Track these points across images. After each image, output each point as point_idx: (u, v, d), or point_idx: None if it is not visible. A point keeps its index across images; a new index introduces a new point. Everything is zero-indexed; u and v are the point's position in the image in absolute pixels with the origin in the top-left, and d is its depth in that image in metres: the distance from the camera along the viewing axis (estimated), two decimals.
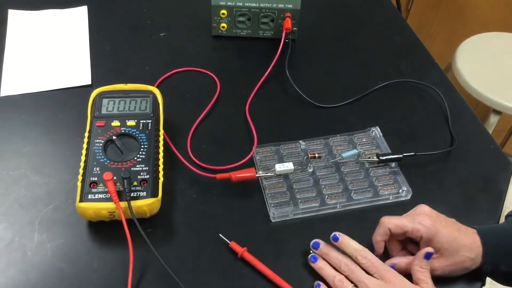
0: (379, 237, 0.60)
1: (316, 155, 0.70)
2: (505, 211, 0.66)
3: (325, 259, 0.59)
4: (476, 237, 0.58)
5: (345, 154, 0.71)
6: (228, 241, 0.61)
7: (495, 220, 0.67)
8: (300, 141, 0.73)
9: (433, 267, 0.58)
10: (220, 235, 0.62)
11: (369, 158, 0.71)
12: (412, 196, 0.68)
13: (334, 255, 0.59)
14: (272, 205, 0.65)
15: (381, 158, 0.70)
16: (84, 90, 0.80)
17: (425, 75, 0.87)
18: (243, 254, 0.60)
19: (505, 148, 1.75)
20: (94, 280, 0.58)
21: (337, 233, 0.60)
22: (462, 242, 0.58)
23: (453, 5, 1.65)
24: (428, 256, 0.57)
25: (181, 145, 0.73)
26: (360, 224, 0.65)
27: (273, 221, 0.65)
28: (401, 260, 0.60)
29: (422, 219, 0.58)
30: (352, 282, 0.56)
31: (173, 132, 0.73)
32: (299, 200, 0.66)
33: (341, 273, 0.58)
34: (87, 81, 0.81)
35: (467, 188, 0.71)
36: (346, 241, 0.59)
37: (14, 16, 0.93)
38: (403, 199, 0.68)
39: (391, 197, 0.68)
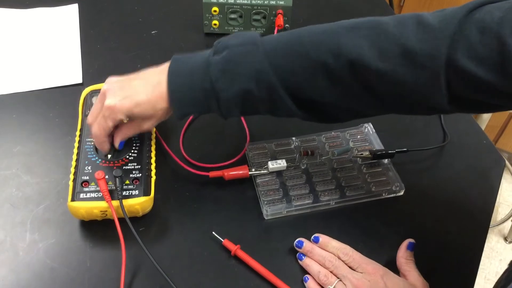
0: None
1: (309, 151, 0.70)
2: (498, 207, 0.66)
3: (310, 257, 0.60)
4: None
5: (338, 151, 0.71)
6: (221, 239, 0.61)
7: (488, 216, 0.67)
8: (293, 138, 0.73)
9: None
10: (213, 233, 0.61)
11: (362, 154, 0.71)
12: (405, 191, 0.68)
13: (318, 252, 0.60)
14: (265, 202, 0.65)
15: (374, 154, 0.70)
16: (75, 89, 0.79)
17: None
18: (236, 252, 0.60)
19: (498, 144, 1.75)
20: (86, 280, 0.58)
21: (317, 235, 0.61)
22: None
23: (446, 0, 1.65)
24: (410, 246, 0.60)
25: (174, 143, 0.72)
26: (354, 220, 0.65)
27: (266, 218, 0.65)
28: None
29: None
30: (338, 278, 0.57)
31: (165, 130, 0.73)
32: (292, 197, 0.66)
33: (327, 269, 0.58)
34: (78, 79, 0.81)
35: (459, 183, 0.71)
36: (327, 241, 0.61)
37: (3, 14, 0.92)
38: (396, 195, 0.68)
39: (384, 193, 0.68)
